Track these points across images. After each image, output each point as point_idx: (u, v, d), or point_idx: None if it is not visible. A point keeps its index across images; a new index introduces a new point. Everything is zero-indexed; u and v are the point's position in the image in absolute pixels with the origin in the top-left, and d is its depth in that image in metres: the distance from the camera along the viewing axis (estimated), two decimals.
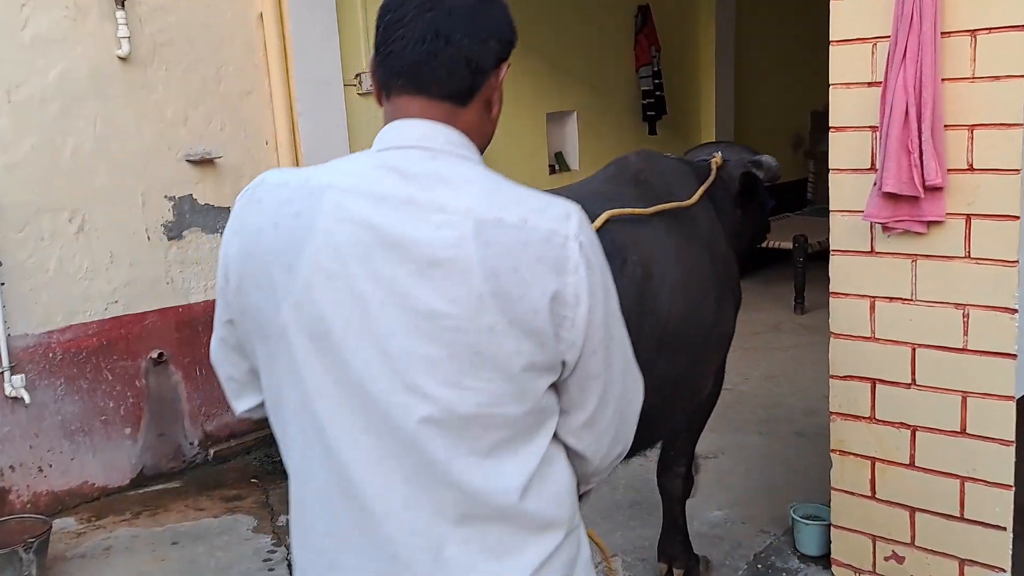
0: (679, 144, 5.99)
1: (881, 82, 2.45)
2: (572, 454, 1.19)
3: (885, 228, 2.53)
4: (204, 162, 4.17)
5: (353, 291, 1.06)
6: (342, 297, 1.06)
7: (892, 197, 2.46)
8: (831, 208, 2.68)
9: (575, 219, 1.09)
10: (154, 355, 4.01)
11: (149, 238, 4.02)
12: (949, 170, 2.39)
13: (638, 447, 1.70)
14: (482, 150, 1.18)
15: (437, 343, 1.04)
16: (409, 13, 1.11)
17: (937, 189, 2.42)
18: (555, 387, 1.14)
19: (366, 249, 1.05)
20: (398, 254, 1.05)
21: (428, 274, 1.04)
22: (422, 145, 1.11)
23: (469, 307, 1.03)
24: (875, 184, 2.48)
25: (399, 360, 1.05)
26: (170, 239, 4.09)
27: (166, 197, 4.07)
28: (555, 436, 1.16)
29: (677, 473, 3.00)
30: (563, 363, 1.10)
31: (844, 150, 2.63)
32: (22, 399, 3.60)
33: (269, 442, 4.35)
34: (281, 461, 1.23)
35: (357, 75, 4.81)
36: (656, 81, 6.93)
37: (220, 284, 1.19)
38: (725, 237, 2.71)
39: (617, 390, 1.18)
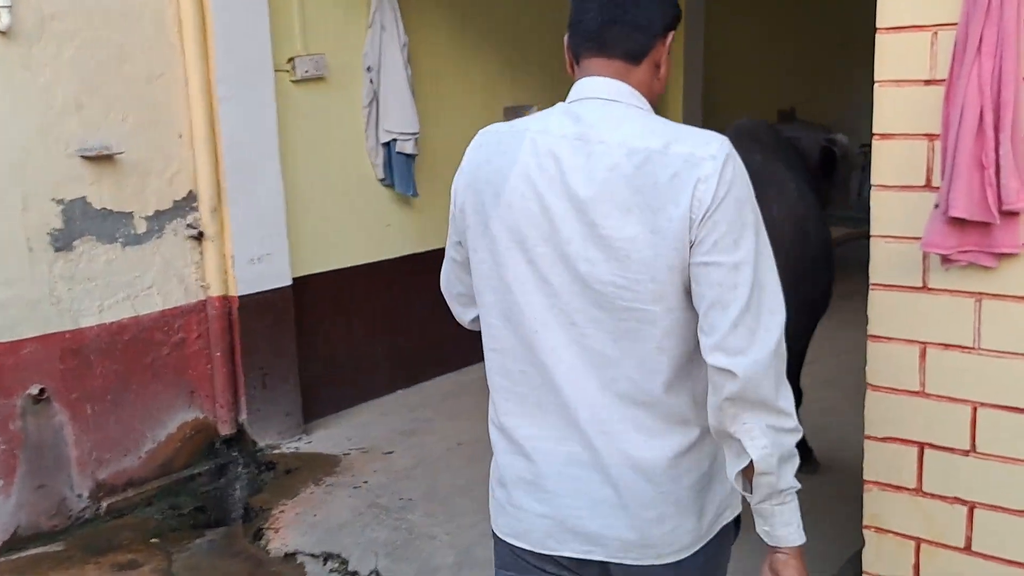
0: None
1: (945, 80, 1.98)
2: (717, 375, 1.33)
3: (945, 260, 2.05)
4: (101, 158, 3.52)
5: (541, 206, 1.40)
6: (533, 211, 1.40)
7: (958, 223, 1.98)
8: (872, 233, 2.20)
9: (716, 144, 1.35)
10: (33, 391, 3.32)
11: (31, 249, 3.34)
12: None
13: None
14: (652, 102, 1.48)
15: (596, 247, 1.36)
16: None
17: (1014, 214, 1.95)
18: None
19: (551, 175, 1.39)
20: (572, 177, 1.37)
21: (592, 193, 1.36)
22: (598, 96, 1.43)
23: (617, 219, 1.34)
24: (937, 206, 2.01)
25: (573, 261, 1.38)
26: (57, 251, 3.41)
27: (53, 200, 3.40)
28: (697, 359, 1.38)
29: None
30: (699, 263, 1.33)
31: (891, 162, 2.15)
32: None
33: (175, 490, 3.69)
34: (188, 514, 1.76)
35: (290, 59, 4.20)
36: None
37: (452, 212, 1.54)
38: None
39: (752, 292, 1.32)
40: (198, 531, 3.49)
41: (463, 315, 1.67)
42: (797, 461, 1.39)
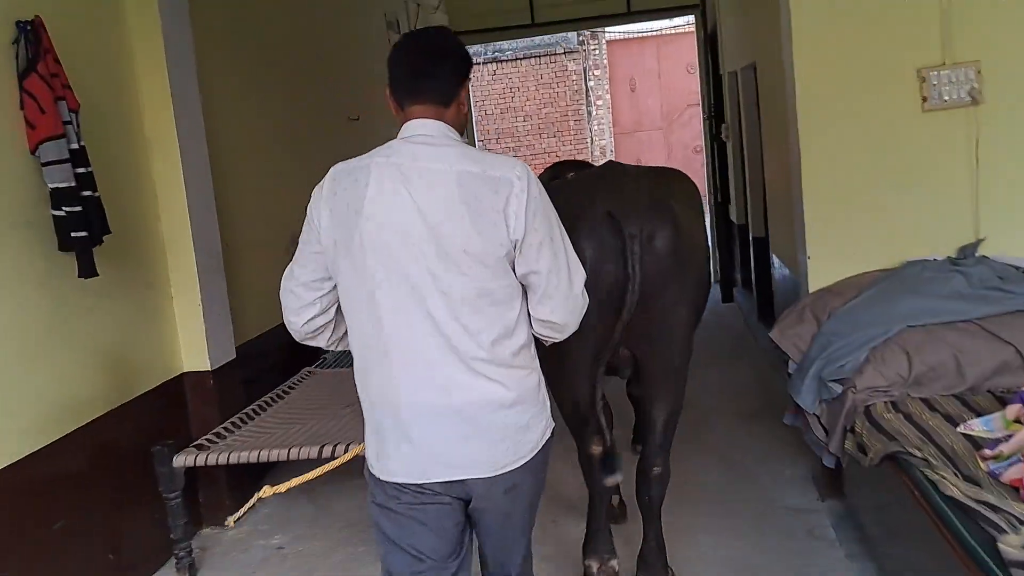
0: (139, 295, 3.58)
1: None
2: (540, 322, 1.96)
3: None
4: None
5: (395, 222, 1.83)
6: (389, 226, 1.83)
7: None
8: None
9: (520, 167, 1.87)
10: None
11: None
12: None
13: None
14: (460, 134, 1.96)
15: (440, 250, 1.82)
16: (407, 55, 1.96)
17: None
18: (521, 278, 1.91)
19: (399, 195, 1.83)
20: (417, 196, 1.83)
21: (434, 207, 1.82)
22: (422, 132, 1.90)
23: (455, 224, 1.81)
24: None
25: (423, 259, 1.84)
26: None
27: None
28: (521, 317, 1.93)
29: (656, 475, 2.86)
30: (517, 248, 1.85)
31: None
32: None
33: None
34: None
35: None
36: (80, 171, 3.06)
37: (310, 231, 1.95)
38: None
39: (558, 264, 1.90)
40: None
41: (300, 315, 2.01)
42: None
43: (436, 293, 1.81)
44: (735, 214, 7.51)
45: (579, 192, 2.79)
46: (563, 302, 1.90)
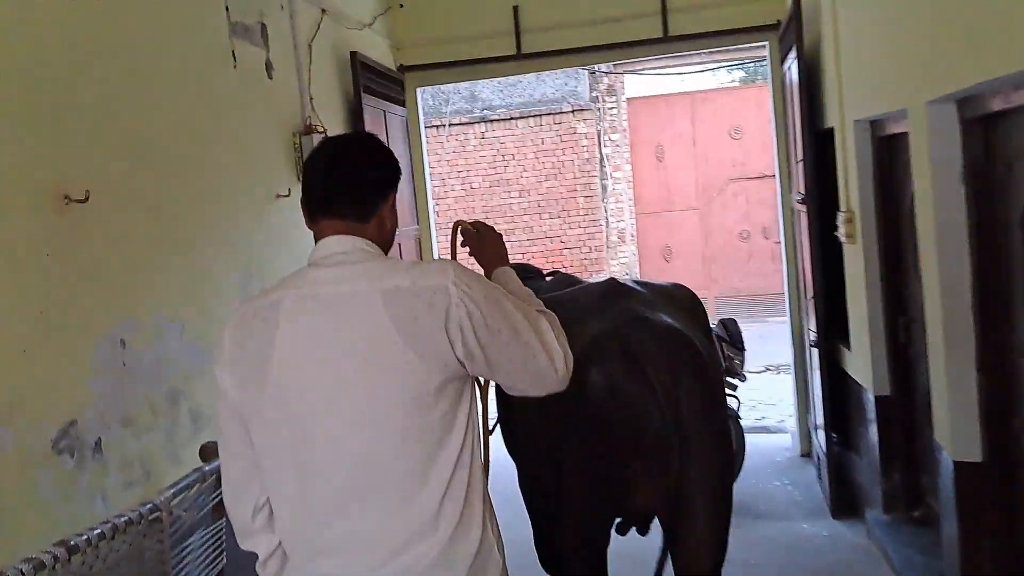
0: None
1: None
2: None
3: None
4: None
5: (310, 363, 1.63)
6: (304, 369, 1.64)
7: None
8: None
9: (450, 269, 1.67)
10: None
11: None
12: None
13: None
14: (385, 250, 1.78)
15: (370, 391, 1.62)
16: (321, 161, 1.77)
17: None
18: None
19: (313, 331, 1.63)
20: (335, 329, 1.62)
21: (356, 338, 1.61)
22: (337, 251, 1.70)
23: (387, 354, 1.60)
24: None
25: (349, 408, 1.63)
26: None
27: None
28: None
29: None
30: (472, 359, 1.66)
31: None
32: None
33: None
34: None
35: None
36: None
37: (223, 401, 1.72)
38: None
39: (531, 351, 1.71)
40: None
41: (251, 525, 1.76)
42: None
43: (364, 444, 1.63)
44: (854, 364, 4.50)
45: (579, 325, 2.56)
46: (544, 380, 1.75)
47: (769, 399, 7.83)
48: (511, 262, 2.09)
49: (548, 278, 3.92)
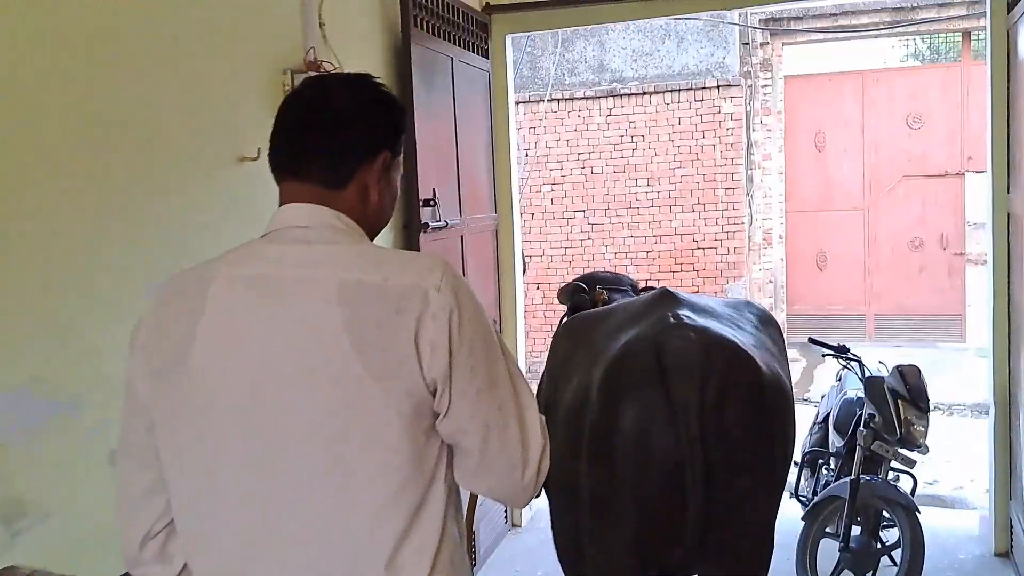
0: None
1: None
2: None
3: None
4: None
5: (232, 366, 1.25)
6: (225, 373, 1.25)
7: None
8: None
9: (439, 269, 1.27)
10: None
11: None
12: None
13: None
14: (371, 232, 1.39)
15: (304, 408, 1.22)
16: (291, 115, 1.37)
17: None
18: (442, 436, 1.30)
19: (244, 326, 1.25)
20: (276, 327, 1.23)
21: (300, 343, 1.22)
22: (295, 224, 1.32)
23: (333, 367, 1.20)
24: None
25: (275, 428, 1.24)
26: None
27: None
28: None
29: None
30: (438, 395, 1.25)
31: None
32: None
33: None
34: None
35: None
36: None
37: (131, 403, 1.36)
38: None
39: (504, 419, 1.30)
40: None
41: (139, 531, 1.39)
42: None
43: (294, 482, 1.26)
44: None
45: (616, 334, 2.42)
46: (508, 475, 1.34)
47: (943, 453, 6.13)
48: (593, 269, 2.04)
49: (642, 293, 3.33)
